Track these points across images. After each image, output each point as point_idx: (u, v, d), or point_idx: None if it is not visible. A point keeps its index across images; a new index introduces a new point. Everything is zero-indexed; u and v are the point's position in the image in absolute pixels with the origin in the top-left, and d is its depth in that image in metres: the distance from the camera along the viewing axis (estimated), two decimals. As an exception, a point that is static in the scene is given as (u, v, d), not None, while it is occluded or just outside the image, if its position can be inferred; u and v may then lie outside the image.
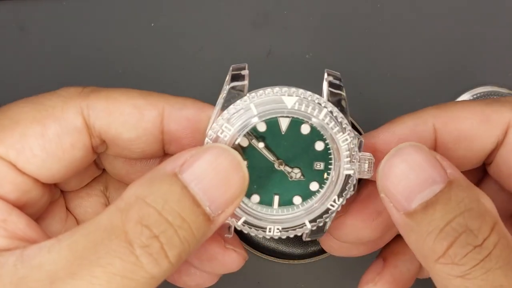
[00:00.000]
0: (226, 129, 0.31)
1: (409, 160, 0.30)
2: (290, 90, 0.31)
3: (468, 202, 0.29)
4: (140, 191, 0.28)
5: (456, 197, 0.29)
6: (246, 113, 0.31)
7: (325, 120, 0.31)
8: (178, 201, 0.28)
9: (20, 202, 0.31)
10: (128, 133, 0.32)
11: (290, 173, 0.32)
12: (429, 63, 0.44)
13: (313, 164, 0.32)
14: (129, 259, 0.27)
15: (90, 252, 0.27)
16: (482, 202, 0.29)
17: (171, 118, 0.32)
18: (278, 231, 0.33)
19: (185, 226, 0.28)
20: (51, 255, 0.27)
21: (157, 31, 0.44)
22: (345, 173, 0.32)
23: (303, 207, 0.33)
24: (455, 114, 0.32)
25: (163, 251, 0.27)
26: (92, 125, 0.32)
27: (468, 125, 0.32)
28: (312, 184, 0.33)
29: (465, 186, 0.30)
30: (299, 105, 0.31)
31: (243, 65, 0.32)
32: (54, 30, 0.43)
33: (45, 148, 0.31)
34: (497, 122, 0.32)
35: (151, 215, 0.27)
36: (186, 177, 0.29)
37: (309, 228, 0.33)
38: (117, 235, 0.27)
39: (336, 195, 0.32)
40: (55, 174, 0.32)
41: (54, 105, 0.31)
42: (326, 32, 0.44)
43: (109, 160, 0.35)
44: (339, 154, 0.32)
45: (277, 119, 0.31)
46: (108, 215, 0.28)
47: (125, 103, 0.32)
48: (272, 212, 0.33)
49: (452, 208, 0.29)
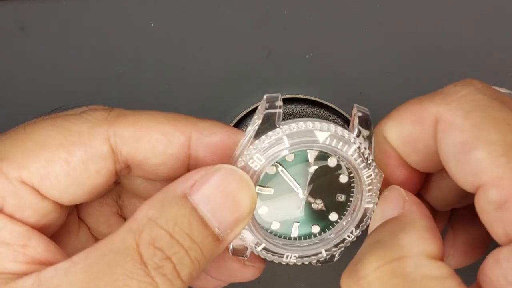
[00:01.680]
0: (258, 159, 0.31)
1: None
2: (321, 124, 0.32)
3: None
4: (152, 213, 0.29)
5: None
6: (278, 144, 0.31)
7: (353, 155, 0.32)
8: (187, 223, 0.29)
9: (39, 224, 0.32)
10: (155, 159, 0.32)
11: (312, 203, 0.33)
12: (429, 63, 0.44)
13: (335, 196, 0.34)
14: (145, 280, 0.27)
15: (105, 274, 0.27)
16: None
17: (199, 144, 0.32)
18: (295, 258, 0.34)
19: (195, 247, 0.29)
20: (67, 278, 0.28)
21: (157, 31, 0.44)
22: (365, 206, 0.33)
23: (321, 236, 0.34)
24: (395, 119, 0.33)
25: (175, 271, 0.28)
26: (119, 152, 0.32)
27: (406, 130, 0.33)
28: (332, 214, 0.34)
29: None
30: (330, 140, 0.32)
31: (276, 95, 0.32)
32: (54, 30, 0.43)
33: (69, 174, 0.31)
34: (426, 121, 0.32)
35: (162, 237, 0.28)
36: (195, 198, 0.29)
37: (324, 256, 0.34)
38: (132, 256, 0.28)
39: (354, 226, 0.33)
40: (76, 198, 0.32)
41: (81, 131, 0.31)
42: (326, 32, 0.44)
43: (129, 179, 0.36)
44: (361, 188, 0.33)
45: (306, 151, 0.32)
46: (121, 237, 0.29)
47: (153, 130, 0.32)
48: (290, 240, 0.34)
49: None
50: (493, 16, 0.44)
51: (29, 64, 0.44)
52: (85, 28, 0.44)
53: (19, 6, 0.43)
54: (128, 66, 0.44)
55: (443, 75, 0.44)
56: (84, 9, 0.44)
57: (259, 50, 0.44)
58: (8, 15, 0.43)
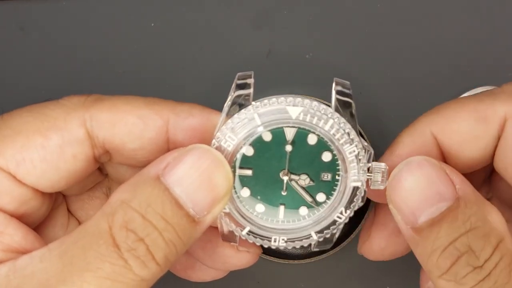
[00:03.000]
0: (230, 139, 0.31)
1: (417, 174, 0.30)
2: (295, 100, 0.31)
3: (474, 220, 0.29)
4: (125, 196, 0.29)
5: (462, 216, 0.29)
6: (250, 123, 0.31)
7: (331, 131, 0.31)
8: (160, 204, 0.28)
9: (19, 212, 0.31)
10: (132, 144, 0.32)
11: (298, 180, 0.32)
12: (429, 63, 0.44)
13: (320, 175, 0.32)
14: (118, 263, 0.27)
15: (79, 258, 0.27)
16: (489, 220, 0.29)
17: (177, 128, 0.32)
18: (283, 242, 0.33)
19: (169, 229, 0.28)
20: (42, 264, 0.28)
21: (157, 31, 0.44)
22: (352, 185, 0.32)
23: (310, 218, 0.33)
24: (450, 117, 0.32)
25: (149, 254, 0.28)
26: (95, 136, 0.31)
27: (465, 127, 0.32)
28: (319, 195, 0.32)
29: (473, 202, 0.29)
30: (304, 115, 0.31)
31: (249, 73, 0.31)
32: (54, 30, 0.43)
33: (46, 159, 0.31)
34: (492, 119, 0.31)
35: (135, 219, 0.28)
36: (168, 179, 0.29)
37: (316, 239, 0.33)
38: (105, 239, 0.27)
39: (343, 207, 0.32)
40: (55, 184, 0.32)
41: (57, 116, 0.31)
42: (326, 32, 0.44)
43: (112, 167, 0.35)
44: (345, 165, 0.31)
45: (283, 129, 0.31)
46: (95, 221, 0.28)
47: (129, 113, 0.32)
48: (277, 223, 0.33)
49: (457, 227, 0.29)
50: (494, 15, 0.44)
51: (29, 64, 0.44)
52: (85, 28, 0.44)
53: (19, 6, 0.43)
54: (128, 66, 0.44)
55: (443, 75, 0.44)
56: (84, 9, 0.43)
57: (259, 50, 0.44)
58: (8, 15, 0.43)
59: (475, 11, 0.43)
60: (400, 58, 0.44)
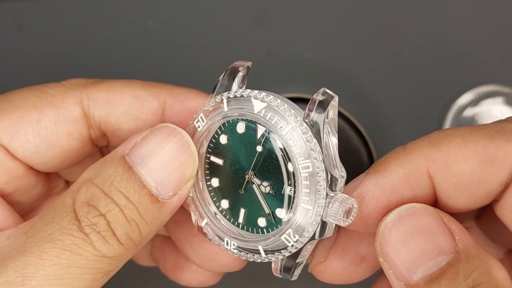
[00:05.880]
0: (201, 120, 0.30)
1: (412, 225, 0.27)
2: (266, 96, 0.28)
3: (477, 276, 0.26)
4: (90, 174, 0.29)
5: (464, 271, 0.26)
6: (219, 108, 0.29)
7: (288, 137, 0.27)
8: (123, 182, 0.28)
9: (9, 188, 0.32)
10: (128, 124, 0.32)
11: (259, 185, 0.29)
12: (431, 61, 0.44)
13: (283, 187, 0.28)
14: (78, 236, 0.27)
15: (42, 230, 0.28)
16: (493, 275, 0.26)
17: (173, 110, 0.32)
18: (234, 247, 0.30)
19: (130, 206, 0.28)
20: (8, 240, 0.28)
21: (156, 29, 0.44)
22: (302, 206, 0.27)
23: (268, 233, 0.29)
24: (452, 155, 0.28)
25: (110, 230, 0.28)
26: (91, 116, 0.32)
27: (468, 169, 0.27)
28: (279, 210, 0.28)
29: (475, 256, 0.26)
30: (265, 112, 0.28)
31: (246, 63, 0.31)
32: (52, 29, 0.43)
33: (39, 134, 0.31)
34: (503, 163, 0.27)
35: (97, 195, 0.28)
36: (132, 158, 0.29)
37: (264, 256, 0.29)
38: (68, 213, 0.28)
39: (292, 229, 0.27)
40: (48, 162, 0.32)
41: (55, 94, 0.32)
42: (326, 31, 0.44)
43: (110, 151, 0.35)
44: (299, 181, 0.27)
45: (256, 125, 0.28)
46: (62, 198, 0.29)
47: (126, 94, 0.32)
48: (233, 225, 0.30)
49: (459, 284, 0.25)
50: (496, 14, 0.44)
51: (26, 63, 0.44)
52: (83, 27, 0.44)
53: (17, 5, 0.43)
54: (126, 64, 0.44)
55: (444, 75, 0.44)
56: (82, 8, 0.43)
57: (259, 48, 0.44)
58: (5, 14, 0.43)
59: (478, 8, 0.43)
60: (400, 58, 0.44)
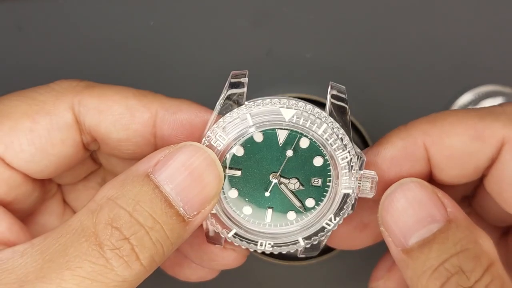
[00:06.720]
0: (220, 138, 0.30)
1: (410, 197, 0.30)
2: (289, 102, 0.30)
3: (465, 242, 0.29)
4: (112, 193, 0.28)
5: (453, 237, 0.29)
6: (243, 123, 0.30)
7: (324, 135, 0.30)
8: (149, 202, 0.27)
9: (8, 198, 0.31)
10: (118, 134, 0.31)
11: (287, 184, 0.31)
12: (431, 61, 0.44)
13: (310, 179, 0.31)
14: (98, 262, 0.26)
15: (60, 255, 0.27)
16: (480, 243, 0.29)
17: (165, 122, 0.32)
18: (270, 246, 0.32)
19: (157, 228, 0.27)
20: (23, 259, 0.27)
21: (156, 29, 0.43)
22: (343, 191, 0.31)
23: (298, 223, 0.32)
24: (445, 131, 0.31)
25: (134, 254, 0.27)
26: (82, 122, 0.31)
27: (459, 143, 0.31)
28: (308, 200, 0.32)
29: (464, 226, 0.30)
30: (297, 118, 0.30)
31: (244, 72, 0.31)
32: (52, 29, 0.43)
33: (34, 143, 0.31)
34: (490, 139, 0.31)
35: (121, 217, 0.27)
36: (158, 177, 0.28)
37: (303, 245, 0.32)
38: (87, 237, 0.27)
39: (333, 213, 0.31)
40: (44, 170, 0.32)
41: (46, 100, 0.31)
42: (326, 31, 0.44)
43: (104, 157, 0.35)
44: (337, 171, 0.31)
45: (275, 131, 0.31)
46: (80, 217, 0.28)
47: (117, 103, 0.31)
48: (264, 226, 0.32)
49: (448, 248, 0.29)
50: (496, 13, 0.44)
51: (26, 63, 0.44)
52: (83, 28, 0.43)
53: (17, 5, 0.43)
54: (126, 64, 0.44)
55: (445, 73, 0.44)
56: (82, 9, 0.43)
57: (259, 48, 0.44)
58: (5, 15, 0.43)
59: (477, 8, 0.43)
60: (400, 58, 0.44)
